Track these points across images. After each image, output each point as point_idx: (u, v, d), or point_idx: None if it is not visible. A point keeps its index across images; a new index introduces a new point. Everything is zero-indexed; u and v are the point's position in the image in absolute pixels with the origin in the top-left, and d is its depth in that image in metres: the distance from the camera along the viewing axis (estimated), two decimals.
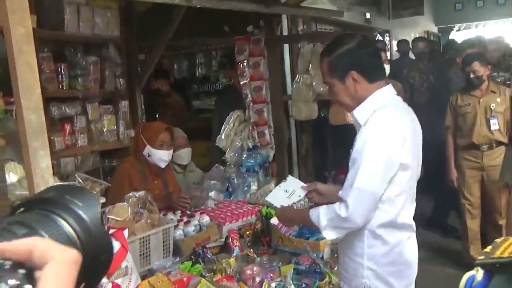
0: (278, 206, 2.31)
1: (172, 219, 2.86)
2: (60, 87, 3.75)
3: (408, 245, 2.07)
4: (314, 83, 3.95)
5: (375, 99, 1.97)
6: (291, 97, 4.16)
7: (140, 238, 2.50)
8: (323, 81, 2.11)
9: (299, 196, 2.33)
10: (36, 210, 0.65)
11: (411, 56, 7.33)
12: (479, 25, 12.44)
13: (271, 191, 2.63)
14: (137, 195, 2.63)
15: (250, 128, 4.25)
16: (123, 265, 2.17)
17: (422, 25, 10.70)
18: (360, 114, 1.97)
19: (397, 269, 2.02)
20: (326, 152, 5.58)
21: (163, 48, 4.32)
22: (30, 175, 1.69)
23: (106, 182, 2.61)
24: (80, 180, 2.37)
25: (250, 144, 4.15)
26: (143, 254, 2.53)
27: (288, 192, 2.37)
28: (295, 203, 2.39)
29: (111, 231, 2.25)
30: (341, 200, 1.90)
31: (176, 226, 2.78)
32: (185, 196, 3.19)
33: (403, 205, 1.98)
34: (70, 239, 0.64)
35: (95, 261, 0.66)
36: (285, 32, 5.19)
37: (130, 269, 2.22)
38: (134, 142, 3.38)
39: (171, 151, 3.28)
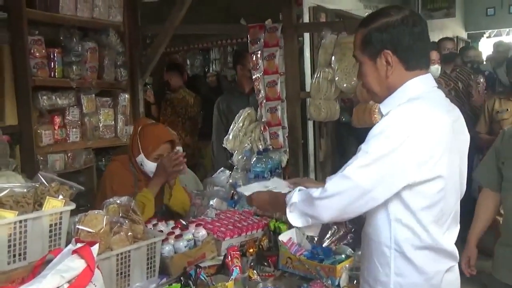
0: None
1: (161, 231, 2.45)
2: (52, 74, 3.47)
3: (448, 279, 1.66)
4: (336, 79, 3.47)
5: (407, 89, 1.62)
6: (310, 94, 3.73)
7: (118, 254, 2.08)
8: (353, 55, 1.72)
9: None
10: None
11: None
12: (511, 32, 11.93)
13: None
14: (118, 201, 2.21)
15: (262, 128, 3.82)
16: None
17: (451, 29, 10.22)
18: (387, 107, 1.64)
19: None
20: (348, 158, 5.13)
21: (169, 37, 3.96)
22: None
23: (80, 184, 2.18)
24: (44, 181, 1.96)
25: (260, 146, 3.74)
26: (122, 273, 2.12)
27: (268, 188, 2.08)
28: None
29: (78, 245, 1.84)
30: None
31: (165, 241, 2.36)
32: (177, 155, 2.76)
33: (434, 223, 1.60)
34: None
35: None
36: None
37: None
38: (130, 142, 2.97)
39: None
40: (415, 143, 1.50)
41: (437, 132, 1.54)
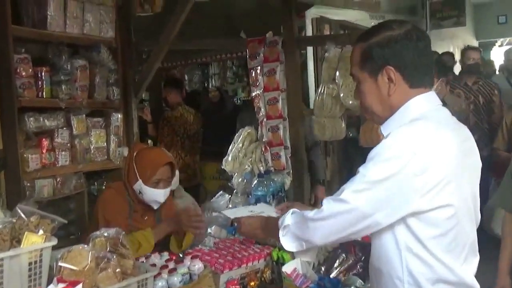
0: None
1: (154, 264, 2.27)
2: (39, 95, 3.34)
3: None
4: (341, 95, 3.31)
5: (410, 108, 1.54)
6: (313, 112, 3.57)
7: None
8: (350, 72, 1.63)
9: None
10: None
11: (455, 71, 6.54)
12: None
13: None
14: (105, 234, 2.03)
15: (263, 148, 3.67)
16: None
17: (462, 39, 10.05)
18: (388, 128, 1.57)
19: None
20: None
21: (164, 52, 3.82)
22: None
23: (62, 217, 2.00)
24: (23, 215, 1.79)
25: (261, 168, 3.58)
26: None
27: (254, 212, 2.07)
28: None
29: (60, 286, 1.67)
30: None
31: (157, 276, 2.17)
32: (197, 214, 2.65)
33: (448, 253, 1.49)
34: None
35: None
36: None
37: None
38: (125, 169, 2.78)
39: (169, 189, 2.71)
40: (417, 167, 1.41)
41: (443, 154, 1.45)
